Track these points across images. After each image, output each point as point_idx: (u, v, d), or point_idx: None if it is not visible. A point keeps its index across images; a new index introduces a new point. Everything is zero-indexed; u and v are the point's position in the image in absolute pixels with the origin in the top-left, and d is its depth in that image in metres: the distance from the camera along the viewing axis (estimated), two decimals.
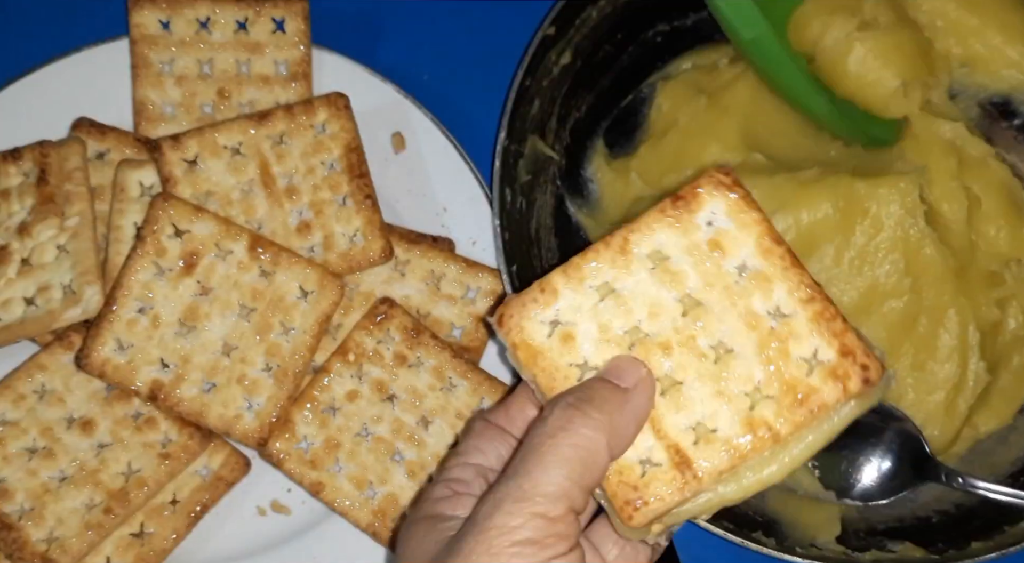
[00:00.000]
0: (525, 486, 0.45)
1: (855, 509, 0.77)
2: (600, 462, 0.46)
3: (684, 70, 0.84)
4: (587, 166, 0.84)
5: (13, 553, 0.71)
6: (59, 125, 0.80)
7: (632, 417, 0.47)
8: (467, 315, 0.79)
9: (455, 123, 0.82)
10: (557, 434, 0.46)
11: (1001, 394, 0.77)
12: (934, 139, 0.77)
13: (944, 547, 0.73)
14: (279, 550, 0.77)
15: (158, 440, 0.75)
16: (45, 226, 0.75)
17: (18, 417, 0.74)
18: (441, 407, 0.76)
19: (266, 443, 0.74)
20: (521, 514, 0.44)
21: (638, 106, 0.85)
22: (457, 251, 0.81)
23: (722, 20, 0.73)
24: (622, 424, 0.47)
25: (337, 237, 0.77)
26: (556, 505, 0.44)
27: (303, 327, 0.75)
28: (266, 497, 0.78)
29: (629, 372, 0.48)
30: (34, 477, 0.73)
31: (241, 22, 0.81)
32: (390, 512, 0.75)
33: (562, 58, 0.78)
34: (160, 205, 0.74)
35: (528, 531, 0.44)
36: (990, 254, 0.77)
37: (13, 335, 0.75)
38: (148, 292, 0.74)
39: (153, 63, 0.80)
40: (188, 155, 0.76)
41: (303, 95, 0.81)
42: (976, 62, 0.81)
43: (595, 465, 0.46)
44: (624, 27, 0.81)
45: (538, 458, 0.46)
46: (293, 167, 0.78)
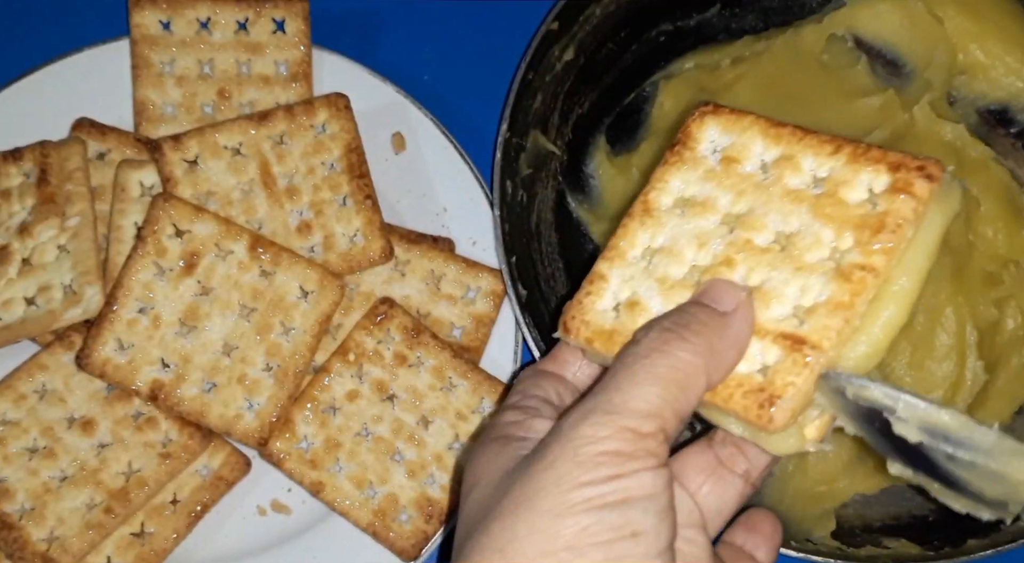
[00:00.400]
0: (616, 399, 0.43)
1: (851, 506, 0.78)
2: (697, 387, 0.44)
3: (686, 69, 0.85)
4: (588, 162, 0.84)
5: (14, 553, 0.71)
6: (60, 125, 0.80)
7: (733, 342, 0.45)
8: (467, 315, 0.79)
9: (455, 123, 0.82)
10: (652, 355, 0.44)
11: (999, 394, 0.77)
12: (934, 140, 0.77)
13: (940, 544, 0.73)
14: (279, 549, 0.77)
15: (159, 440, 0.75)
16: (46, 226, 0.75)
17: (19, 417, 0.74)
18: (441, 407, 0.76)
19: (266, 443, 0.74)
20: (610, 426, 0.42)
21: (640, 104, 0.85)
22: (457, 251, 0.81)
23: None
24: (721, 348, 0.45)
25: (337, 237, 0.78)
26: (647, 422, 0.42)
27: (303, 327, 0.75)
28: (266, 497, 0.78)
29: (728, 295, 0.46)
30: (35, 477, 0.73)
31: (241, 22, 0.81)
32: (390, 512, 0.75)
33: (565, 54, 0.79)
34: (161, 205, 0.74)
35: (616, 442, 0.42)
36: (988, 255, 0.78)
37: (14, 335, 0.75)
38: (149, 292, 0.74)
39: (154, 63, 0.80)
40: (189, 155, 0.76)
41: (303, 95, 0.81)
42: (975, 69, 0.81)
43: (691, 389, 0.44)
44: (627, 25, 0.82)
45: (630, 375, 0.43)
46: (293, 167, 0.78)
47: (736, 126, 0.50)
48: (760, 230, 0.48)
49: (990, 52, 0.81)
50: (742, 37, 0.84)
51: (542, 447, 0.44)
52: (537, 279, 0.79)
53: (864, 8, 0.83)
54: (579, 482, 0.41)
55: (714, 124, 0.50)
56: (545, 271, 0.80)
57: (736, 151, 0.49)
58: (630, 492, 0.41)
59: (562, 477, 0.42)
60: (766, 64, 0.82)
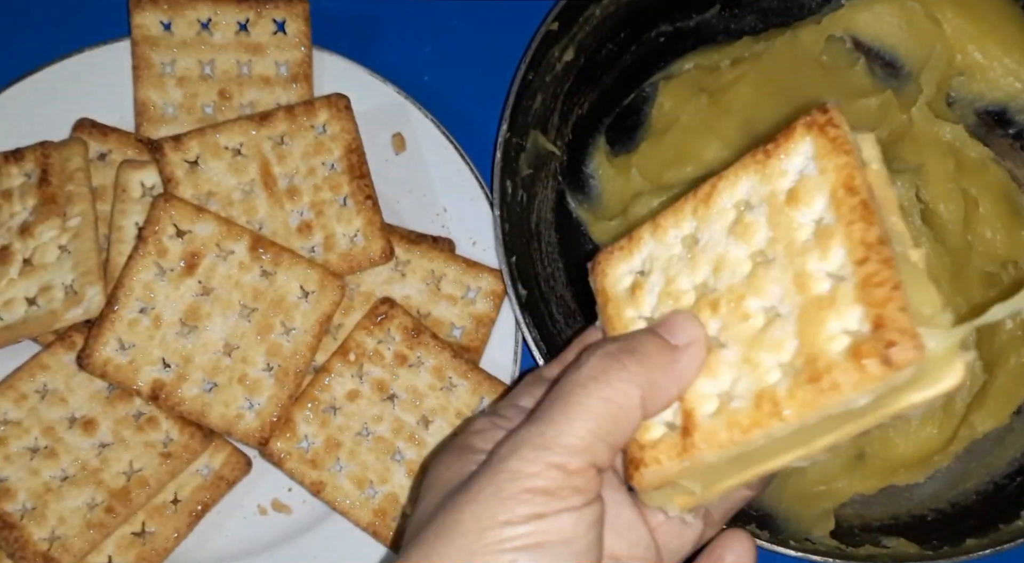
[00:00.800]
0: (547, 433, 0.42)
1: (850, 505, 0.78)
2: (631, 419, 0.43)
3: (686, 70, 0.85)
4: (588, 162, 0.85)
5: (15, 552, 0.71)
6: (61, 126, 0.80)
7: (675, 378, 0.43)
8: (467, 315, 0.79)
9: (455, 124, 0.82)
10: (589, 384, 0.43)
11: (998, 394, 0.77)
12: (934, 140, 0.78)
13: (939, 544, 0.73)
14: (280, 549, 0.77)
15: (159, 439, 0.75)
16: (47, 226, 0.75)
17: (20, 417, 0.74)
18: (441, 407, 0.76)
19: (267, 442, 0.74)
20: (538, 462, 0.42)
21: (640, 104, 0.85)
22: (457, 251, 0.81)
23: None
24: (663, 383, 0.43)
25: (338, 237, 0.78)
26: (576, 458, 0.42)
27: (304, 327, 0.75)
28: (267, 496, 0.78)
29: (684, 329, 0.44)
30: (36, 476, 0.73)
31: (242, 23, 0.81)
32: (390, 511, 0.75)
33: (565, 54, 0.79)
34: (161, 206, 0.74)
35: (542, 480, 0.41)
36: (986, 255, 0.78)
37: (15, 335, 0.75)
38: (150, 292, 0.74)
39: (155, 64, 0.80)
40: (189, 156, 0.76)
41: (304, 96, 0.81)
42: (974, 70, 0.82)
43: (625, 422, 0.43)
44: (627, 26, 0.82)
45: (564, 406, 0.43)
46: (294, 168, 0.78)
47: (825, 161, 0.42)
48: (761, 294, 0.43)
49: (988, 53, 0.81)
50: (741, 38, 0.85)
51: (474, 476, 0.43)
52: (537, 279, 0.79)
53: (862, 9, 0.84)
54: (498, 520, 0.41)
55: (812, 145, 0.43)
56: (545, 271, 0.80)
57: (805, 189, 0.42)
58: (547, 535, 0.41)
59: (482, 513, 0.42)
60: (765, 65, 0.82)
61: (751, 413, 0.41)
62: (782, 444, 0.41)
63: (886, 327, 0.37)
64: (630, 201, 0.81)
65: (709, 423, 0.43)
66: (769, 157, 0.44)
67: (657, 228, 0.48)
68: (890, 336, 0.37)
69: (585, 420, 0.42)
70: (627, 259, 0.49)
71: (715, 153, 0.80)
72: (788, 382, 0.40)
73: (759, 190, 0.44)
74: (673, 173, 0.81)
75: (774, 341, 0.41)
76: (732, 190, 0.45)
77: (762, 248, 0.43)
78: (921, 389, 0.38)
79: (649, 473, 0.44)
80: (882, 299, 0.38)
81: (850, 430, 0.40)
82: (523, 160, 0.78)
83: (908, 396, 0.38)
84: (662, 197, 0.79)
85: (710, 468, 0.43)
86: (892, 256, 0.39)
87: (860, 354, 0.38)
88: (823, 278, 0.40)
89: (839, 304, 0.39)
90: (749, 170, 0.44)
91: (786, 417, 0.40)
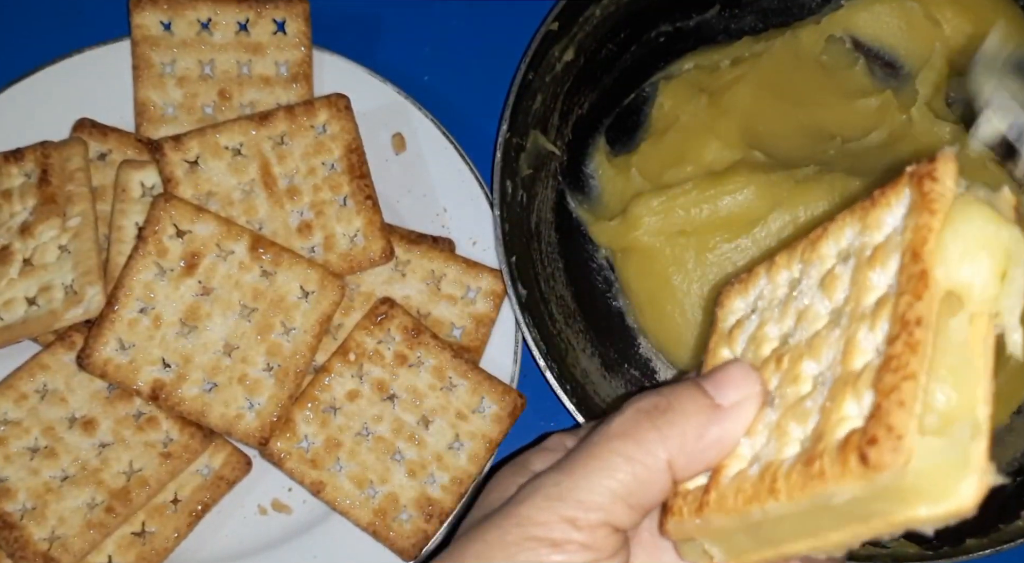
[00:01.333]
0: (563, 484, 0.41)
1: None
2: (657, 482, 0.40)
3: (686, 70, 0.85)
4: (588, 162, 0.85)
5: (15, 552, 0.71)
6: (61, 126, 0.80)
7: (715, 441, 0.40)
8: (467, 315, 0.80)
9: (455, 124, 0.82)
10: (615, 440, 0.41)
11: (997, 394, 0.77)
12: (934, 140, 0.78)
13: (939, 544, 0.73)
14: (280, 549, 0.77)
15: (159, 439, 0.75)
16: (47, 226, 0.75)
17: (20, 416, 0.74)
18: (441, 407, 0.76)
19: (267, 442, 0.74)
20: (549, 512, 0.40)
21: (640, 104, 0.85)
22: (457, 251, 0.81)
23: None
24: (697, 447, 0.40)
25: (338, 237, 0.78)
26: (589, 514, 0.40)
27: (304, 327, 0.75)
28: (267, 496, 0.78)
29: (735, 386, 0.40)
30: (36, 476, 0.73)
31: (242, 23, 0.81)
32: (390, 511, 0.75)
33: (565, 54, 0.79)
34: (161, 205, 0.74)
35: (549, 531, 0.40)
36: None
37: (15, 335, 0.75)
38: (150, 292, 0.74)
39: (155, 64, 0.80)
40: (189, 156, 0.76)
41: (304, 96, 0.81)
42: None
43: (650, 484, 0.40)
44: (627, 26, 0.82)
45: (587, 459, 0.41)
46: (294, 168, 0.78)
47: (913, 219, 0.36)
48: (818, 358, 0.38)
49: None
50: (741, 38, 0.85)
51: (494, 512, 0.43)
52: (537, 279, 0.79)
53: (862, 10, 0.84)
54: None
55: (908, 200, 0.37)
56: (545, 271, 0.80)
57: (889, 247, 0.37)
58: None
59: (483, 552, 0.41)
60: (765, 65, 0.82)
61: (755, 484, 0.38)
62: (789, 527, 0.38)
63: (877, 420, 0.33)
64: (630, 201, 0.81)
65: (726, 485, 0.40)
66: (874, 206, 0.39)
67: (772, 266, 0.44)
68: (875, 431, 0.33)
69: (605, 477, 0.40)
70: (743, 294, 0.46)
71: (715, 153, 0.80)
72: (794, 460, 0.37)
73: (855, 242, 0.40)
74: (673, 173, 0.81)
75: (804, 412, 0.38)
76: (837, 237, 0.41)
77: (839, 307, 0.39)
78: (924, 504, 0.34)
79: (674, 524, 0.42)
80: (889, 387, 0.34)
81: (858, 532, 0.36)
82: (523, 160, 0.78)
83: (910, 508, 0.34)
84: (662, 197, 0.79)
85: (724, 533, 0.41)
86: (922, 340, 0.34)
87: (848, 445, 0.34)
88: (865, 352, 0.36)
89: (860, 384, 0.36)
90: (855, 217, 0.40)
91: (778, 496, 0.37)
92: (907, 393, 0.33)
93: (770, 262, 0.45)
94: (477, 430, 0.76)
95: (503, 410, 0.77)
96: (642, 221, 0.79)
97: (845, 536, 0.37)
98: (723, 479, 0.40)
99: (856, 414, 0.35)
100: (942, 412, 0.34)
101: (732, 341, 0.45)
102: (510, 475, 0.47)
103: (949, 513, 0.34)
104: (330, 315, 0.76)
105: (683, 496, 0.42)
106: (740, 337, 0.44)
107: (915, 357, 0.34)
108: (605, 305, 0.83)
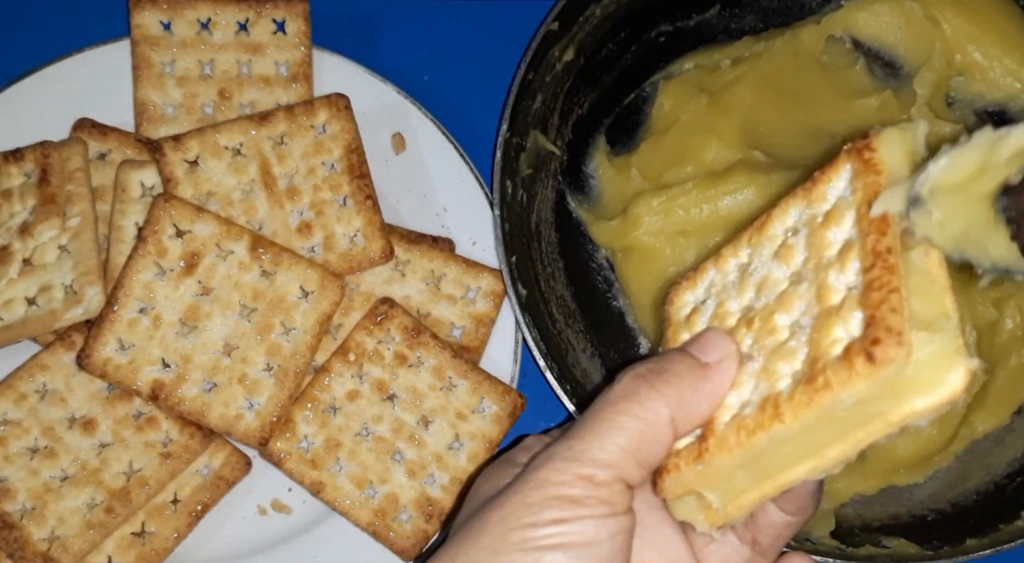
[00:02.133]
0: (577, 447, 0.43)
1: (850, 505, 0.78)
2: (661, 437, 0.44)
3: (686, 70, 0.85)
4: (588, 162, 0.85)
5: (15, 552, 0.71)
6: (61, 126, 0.80)
7: (705, 395, 0.44)
8: (467, 315, 0.79)
9: (455, 123, 0.82)
10: (619, 402, 0.44)
11: (998, 394, 0.77)
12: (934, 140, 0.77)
13: (939, 544, 0.73)
14: (280, 549, 0.77)
15: (159, 440, 0.75)
16: (47, 226, 0.75)
17: (20, 417, 0.74)
18: (441, 407, 0.76)
19: (267, 443, 0.74)
20: (567, 472, 0.43)
21: (640, 104, 0.85)
22: (457, 251, 0.81)
23: None
24: (693, 401, 0.44)
25: (338, 237, 0.78)
26: (604, 470, 0.43)
27: (304, 327, 0.75)
28: (267, 496, 0.78)
29: (715, 346, 0.45)
30: (36, 476, 0.73)
31: (242, 23, 0.81)
32: (390, 511, 0.75)
33: (565, 54, 0.79)
34: (161, 205, 0.74)
35: (569, 489, 0.42)
36: None
37: (15, 335, 0.75)
38: (149, 292, 0.74)
39: (154, 64, 0.80)
40: (189, 156, 0.76)
41: (304, 96, 0.81)
42: (974, 70, 0.82)
43: (655, 439, 0.44)
44: (627, 26, 0.82)
45: (594, 423, 0.44)
46: (294, 168, 0.78)
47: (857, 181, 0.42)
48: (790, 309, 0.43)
49: (988, 54, 0.81)
50: (741, 38, 0.85)
51: (507, 486, 0.45)
52: (537, 279, 0.79)
53: (861, 10, 0.84)
54: (521, 523, 0.43)
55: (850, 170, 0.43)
56: (545, 271, 0.80)
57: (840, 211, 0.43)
58: (568, 538, 0.42)
59: (507, 516, 0.43)
60: (765, 65, 0.82)
61: (756, 417, 0.42)
62: (790, 452, 0.41)
63: (875, 326, 0.38)
64: (630, 201, 0.81)
65: (723, 429, 0.43)
66: (815, 184, 0.44)
67: (719, 258, 0.49)
68: (876, 334, 0.37)
69: (615, 436, 0.43)
70: (692, 289, 0.50)
71: (715, 153, 0.80)
72: (792, 385, 0.41)
73: (803, 216, 0.45)
74: (673, 173, 0.81)
75: (789, 351, 0.42)
76: (783, 218, 0.46)
77: (799, 269, 0.44)
78: (920, 395, 0.38)
79: (670, 479, 0.45)
80: (877, 301, 0.38)
81: (857, 439, 0.40)
82: (523, 160, 0.78)
83: (907, 402, 0.38)
84: (662, 197, 0.79)
85: (724, 476, 0.44)
86: (897, 263, 0.39)
87: (850, 353, 0.38)
88: (839, 290, 0.41)
89: (844, 311, 0.40)
90: (798, 198, 0.45)
91: (784, 418, 0.40)
92: (896, 302, 0.38)
93: (716, 256, 0.49)
94: (477, 430, 0.76)
95: (503, 410, 0.76)
96: (642, 221, 0.79)
97: (844, 447, 0.40)
98: (718, 427, 0.43)
99: (846, 336, 0.39)
100: (924, 317, 0.38)
101: (692, 326, 0.48)
102: (498, 470, 0.49)
103: (943, 401, 0.38)
104: (330, 315, 0.76)
105: (676, 454, 0.45)
106: (699, 320, 0.48)
107: (894, 276, 0.38)
108: (605, 305, 0.83)
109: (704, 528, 0.46)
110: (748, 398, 0.43)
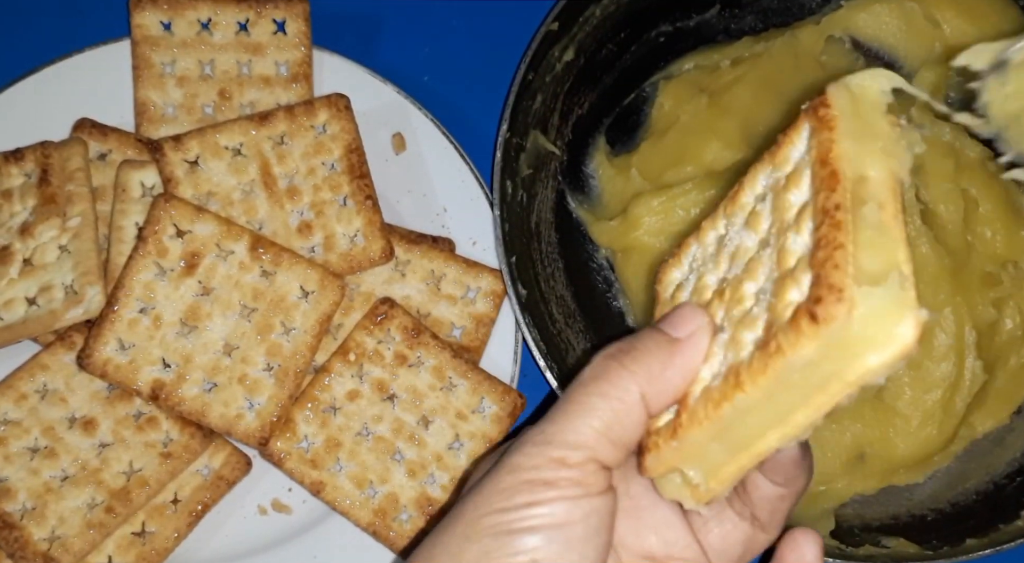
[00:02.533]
0: (548, 430, 0.43)
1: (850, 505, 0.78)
2: (633, 416, 0.43)
3: (686, 70, 0.85)
4: (588, 162, 0.85)
5: (15, 552, 0.72)
6: (61, 126, 0.80)
7: (676, 370, 0.43)
8: (467, 315, 0.80)
9: (455, 124, 0.82)
10: (589, 383, 0.44)
11: (998, 394, 0.77)
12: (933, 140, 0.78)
13: (939, 544, 0.73)
14: (280, 549, 0.77)
15: (159, 439, 0.75)
16: (47, 226, 0.75)
17: (20, 417, 0.74)
18: (441, 407, 0.76)
19: (267, 442, 0.74)
20: (539, 456, 0.43)
21: (640, 104, 0.85)
22: (457, 251, 0.81)
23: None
24: (664, 377, 0.43)
25: (338, 237, 0.78)
26: (575, 452, 0.43)
27: (304, 327, 0.75)
28: (267, 496, 0.78)
29: (685, 321, 0.44)
30: (36, 476, 0.73)
31: (242, 23, 0.81)
32: (391, 511, 0.75)
33: (565, 54, 0.79)
34: (161, 206, 0.74)
35: (541, 472, 0.43)
36: (986, 255, 0.78)
37: (15, 335, 0.75)
38: (150, 292, 0.74)
39: (155, 64, 0.80)
40: (189, 156, 0.76)
41: (304, 96, 0.81)
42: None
43: (627, 418, 0.43)
44: (627, 26, 0.82)
45: (565, 405, 0.44)
46: (294, 168, 0.78)
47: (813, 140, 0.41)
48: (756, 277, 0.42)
49: None
50: (741, 38, 0.85)
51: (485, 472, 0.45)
52: (537, 279, 0.79)
53: (861, 10, 0.84)
54: (494, 508, 0.43)
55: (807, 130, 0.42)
56: (545, 271, 0.80)
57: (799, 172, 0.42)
58: (540, 520, 0.42)
59: (480, 502, 0.43)
60: (765, 65, 0.82)
61: (721, 388, 0.41)
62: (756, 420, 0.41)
63: (818, 285, 0.37)
64: (630, 201, 0.81)
65: (694, 403, 0.43)
66: (779, 148, 0.44)
67: (699, 232, 0.48)
68: (818, 293, 0.36)
69: (585, 417, 0.43)
70: (678, 265, 0.49)
71: (715, 153, 0.80)
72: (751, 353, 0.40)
73: (769, 182, 0.44)
74: (673, 173, 0.81)
75: (751, 319, 0.41)
76: (752, 184, 0.45)
77: (765, 235, 0.43)
78: (871, 351, 0.36)
79: (651, 458, 0.45)
80: (823, 259, 0.37)
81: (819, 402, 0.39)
82: (523, 160, 0.78)
83: (859, 360, 0.37)
84: (662, 197, 0.79)
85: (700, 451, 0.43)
86: (844, 220, 0.38)
87: (797, 315, 0.37)
88: (796, 252, 0.40)
89: (798, 272, 0.39)
90: (764, 163, 0.45)
91: (744, 387, 0.39)
92: (839, 258, 0.37)
93: (697, 230, 0.48)
94: (477, 430, 0.76)
95: (503, 410, 0.77)
96: (642, 221, 0.79)
97: (808, 412, 0.39)
98: (691, 401, 0.43)
99: (798, 298, 0.38)
100: (870, 272, 0.37)
101: (676, 302, 0.48)
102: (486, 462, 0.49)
103: (896, 356, 0.36)
104: (330, 315, 0.76)
105: (655, 433, 0.44)
106: (682, 296, 0.48)
107: (840, 232, 0.37)
108: (605, 305, 0.84)
109: (691, 505, 0.45)
110: (717, 370, 0.43)
